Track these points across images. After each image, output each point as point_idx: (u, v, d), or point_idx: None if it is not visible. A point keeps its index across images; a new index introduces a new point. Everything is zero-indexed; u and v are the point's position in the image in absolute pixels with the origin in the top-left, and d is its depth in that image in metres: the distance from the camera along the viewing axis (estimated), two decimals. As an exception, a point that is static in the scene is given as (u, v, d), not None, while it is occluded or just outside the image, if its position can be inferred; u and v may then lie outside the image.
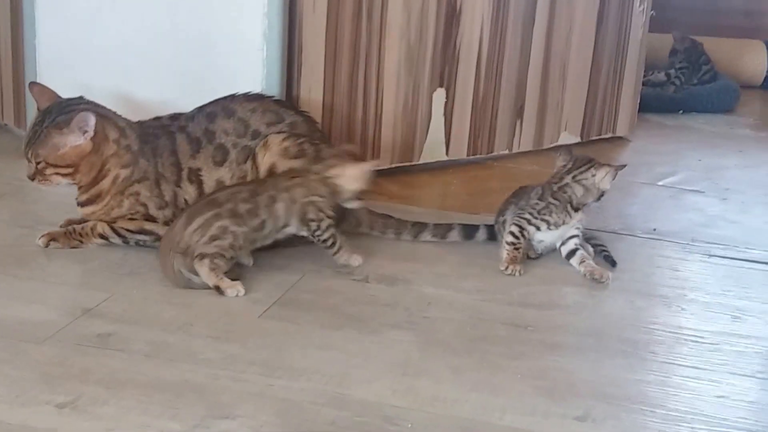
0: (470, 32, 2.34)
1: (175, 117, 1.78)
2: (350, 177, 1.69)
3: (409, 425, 1.21)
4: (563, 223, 1.77)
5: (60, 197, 1.91)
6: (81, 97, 1.73)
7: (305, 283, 1.65)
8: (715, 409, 1.30)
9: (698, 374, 1.40)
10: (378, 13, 2.17)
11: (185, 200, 1.74)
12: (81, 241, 1.73)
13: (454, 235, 1.86)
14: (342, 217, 1.82)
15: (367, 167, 1.71)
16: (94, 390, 1.24)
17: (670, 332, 1.54)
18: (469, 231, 1.87)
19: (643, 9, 2.75)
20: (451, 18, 2.30)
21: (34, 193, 1.92)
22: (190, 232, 1.58)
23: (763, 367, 1.45)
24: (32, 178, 1.68)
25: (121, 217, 1.71)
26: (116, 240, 1.73)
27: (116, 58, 2.11)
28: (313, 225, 1.67)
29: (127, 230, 1.72)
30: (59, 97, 1.72)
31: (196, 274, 1.58)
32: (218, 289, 1.56)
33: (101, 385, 1.26)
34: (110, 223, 1.72)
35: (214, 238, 1.58)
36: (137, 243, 1.74)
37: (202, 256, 1.57)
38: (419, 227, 1.87)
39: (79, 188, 1.72)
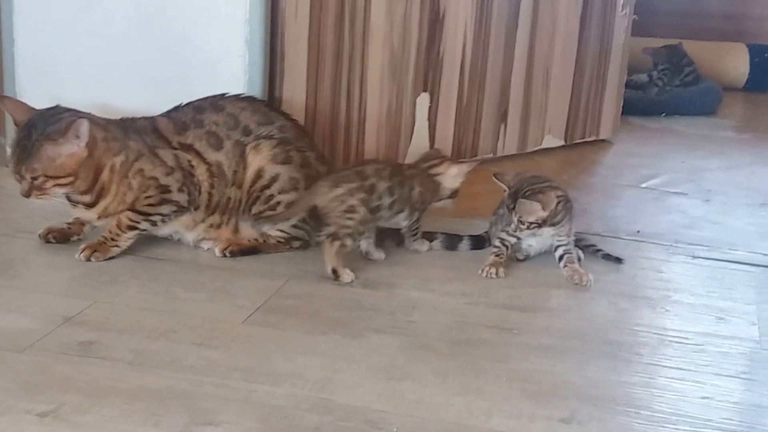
0: (453, 37, 2.35)
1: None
2: (452, 176, 1.80)
3: (394, 430, 1.20)
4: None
5: (38, 205, 1.90)
6: (58, 106, 1.70)
7: (289, 289, 1.64)
8: (700, 411, 1.31)
9: (683, 375, 1.41)
10: (361, 19, 2.17)
11: (189, 162, 1.72)
12: (117, 245, 1.72)
13: (437, 245, 1.86)
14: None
15: (466, 167, 1.81)
16: (76, 399, 1.23)
17: (654, 334, 1.55)
18: (452, 241, 1.87)
19: (626, 13, 2.76)
20: (435, 23, 2.30)
21: (12, 201, 1.91)
22: (333, 196, 1.67)
23: (747, 368, 1.45)
24: (28, 195, 1.64)
25: (137, 198, 1.70)
26: (145, 224, 1.72)
27: (96, 67, 2.10)
28: (416, 215, 1.80)
29: (150, 205, 1.70)
30: (33, 109, 1.70)
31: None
32: (335, 272, 1.66)
33: (83, 393, 1.24)
34: (132, 209, 1.70)
35: (350, 210, 1.67)
36: (163, 220, 1.72)
37: (334, 237, 1.66)
38: (401, 236, 1.86)
39: (83, 194, 1.68)
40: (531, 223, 1.74)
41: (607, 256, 1.85)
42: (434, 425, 1.22)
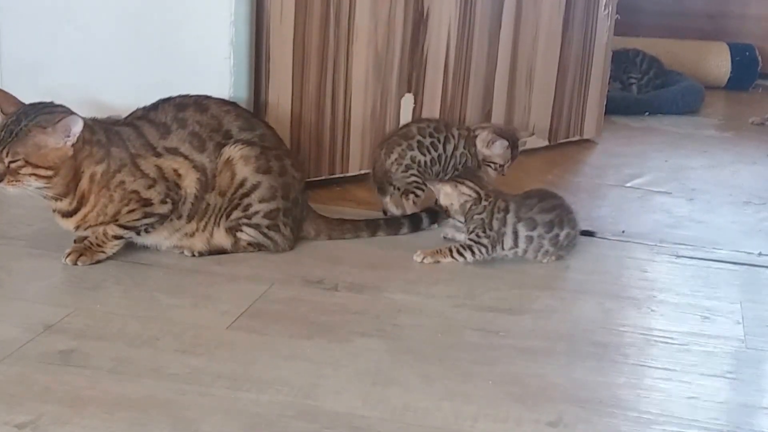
0: (437, 37, 2.34)
1: (131, 114, 1.76)
2: (481, 140, 2.03)
3: (380, 436, 1.19)
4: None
5: (21, 210, 1.88)
6: (52, 102, 1.67)
7: (273, 293, 1.62)
8: (686, 411, 1.30)
9: (669, 375, 1.41)
10: (345, 20, 2.15)
11: (175, 171, 1.69)
12: (104, 251, 1.70)
13: (404, 229, 1.93)
14: (300, 228, 1.84)
15: (495, 138, 2.01)
16: (56, 409, 1.21)
17: (640, 334, 1.54)
18: (415, 222, 1.95)
19: (608, 13, 2.77)
20: (419, 23, 2.29)
21: (-6, 207, 1.88)
22: (390, 162, 1.97)
23: (732, 367, 1.45)
24: (0, 179, 1.58)
25: (119, 212, 1.67)
26: (130, 234, 1.70)
27: (81, 67, 2.08)
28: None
29: (134, 220, 1.69)
30: (22, 102, 1.67)
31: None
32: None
33: (63, 403, 1.22)
34: (115, 223, 1.68)
35: (408, 168, 1.95)
36: (147, 230, 1.71)
37: (406, 193, 1.98)
38: (374, 225, 1.92)
39: (58, 198, 1.65)
40: (446, 207, 1.82)
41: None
42: (420, 430, 1.21)
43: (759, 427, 1.28)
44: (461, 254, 1.79)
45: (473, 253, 1.79)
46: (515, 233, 1.78)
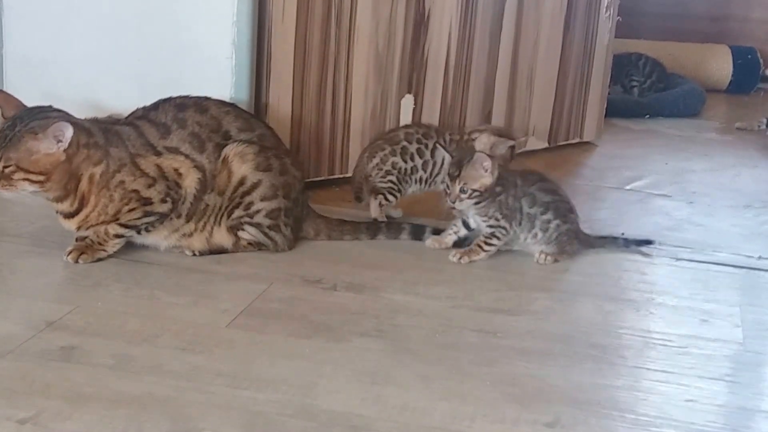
0: (438, 38, 2.34)
1: (131, 113, 1.77)
2: (482, 143, 1.96)
3: (378, 435, 1.20)
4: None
5: (24, 208, 1.88)
6: (50, 106, 1.69)
7: (273, 292, 1.63)
8: (684, 413, 1.31)
9: (667, 378, 1.41)
10: (347, 20, 2.16)
11: (175, 170, 1.70)
12: (105, 250, 1.71)
13: (405, 235, 1.91)
14: (299, 228, 1.84)
15: (497, 140, 1.96)
16: (57, 405, 1.21)
17: (638, 336, 1.55)
18: (417, 231, 1.92)
19: (610, 15, 2.78)
20: (420, 24, 2.30)
21: (-4, 204, 1.89)
22: (372, 166, 1.97)
23: (730, 370, 1.46)
24: None
25: (119, 211, 1.68)
26: (131, 233, 1.71)
27: (86, 68, 2.09)
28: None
29: (135, 219, 1.69)
30: (25, 105, 1.68)
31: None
32: (375, 221, 1.95)
33: (64, 399, 1.23)
34: (116, 222, 1.69)
35: (387, 173, 1.95)
36: (147, 229, 1.72)
37: (377, 193, 1.97)
38: (374, 228, 1.91)
39: (58, 200, 1.66)
40: (474, 191, 1.76)
41: (636, 242, 1.92)
42: (418, 430, 1.22)
43: (757, 431, 1.28)
44: (489, 244, 1.81)
45: (498, 238, 1.80)
46: (521, 210, 1.80)
